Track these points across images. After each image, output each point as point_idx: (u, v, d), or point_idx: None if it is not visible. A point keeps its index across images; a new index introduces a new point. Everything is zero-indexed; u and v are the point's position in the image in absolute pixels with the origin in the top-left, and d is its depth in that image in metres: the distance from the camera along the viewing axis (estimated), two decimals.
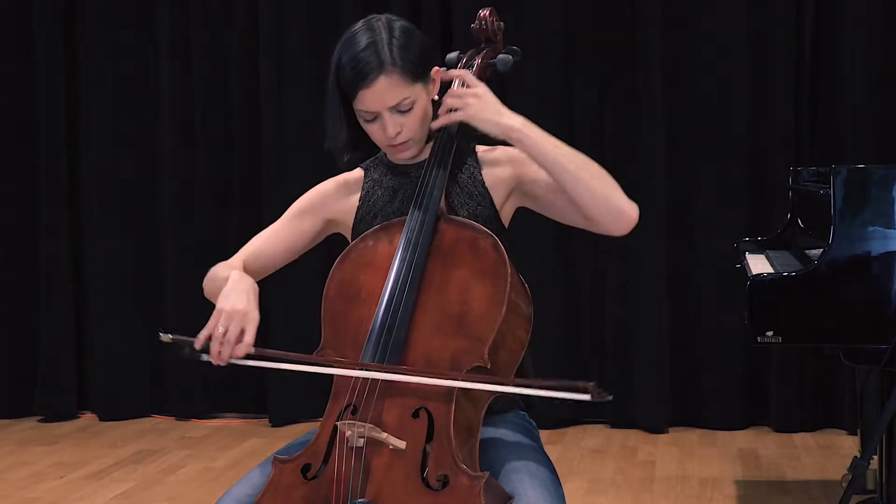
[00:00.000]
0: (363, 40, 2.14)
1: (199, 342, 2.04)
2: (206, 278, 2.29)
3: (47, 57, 5.45)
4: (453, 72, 2.22)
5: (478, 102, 2.13)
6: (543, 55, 5.01)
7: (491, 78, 2.28)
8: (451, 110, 2.15)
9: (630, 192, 5.46)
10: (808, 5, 4.87)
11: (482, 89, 2.15)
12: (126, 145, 5.47)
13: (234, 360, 2.04)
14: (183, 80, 5.39)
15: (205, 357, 2.05)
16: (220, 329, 2.03)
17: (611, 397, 1.89)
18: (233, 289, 2.09)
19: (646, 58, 4.99)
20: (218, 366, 2.06)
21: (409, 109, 2.16)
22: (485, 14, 2.33)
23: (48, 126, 5.48)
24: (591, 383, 1.89)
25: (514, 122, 2.11)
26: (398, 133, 2.16)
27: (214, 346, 2.04)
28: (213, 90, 5.40)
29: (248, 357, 2.04)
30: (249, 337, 2.03)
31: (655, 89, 4.98)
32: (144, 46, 5.44)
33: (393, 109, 2.14)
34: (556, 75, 5.08)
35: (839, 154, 4.77)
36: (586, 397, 1.89)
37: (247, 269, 2.24)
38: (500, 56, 2.30)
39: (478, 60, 2.29)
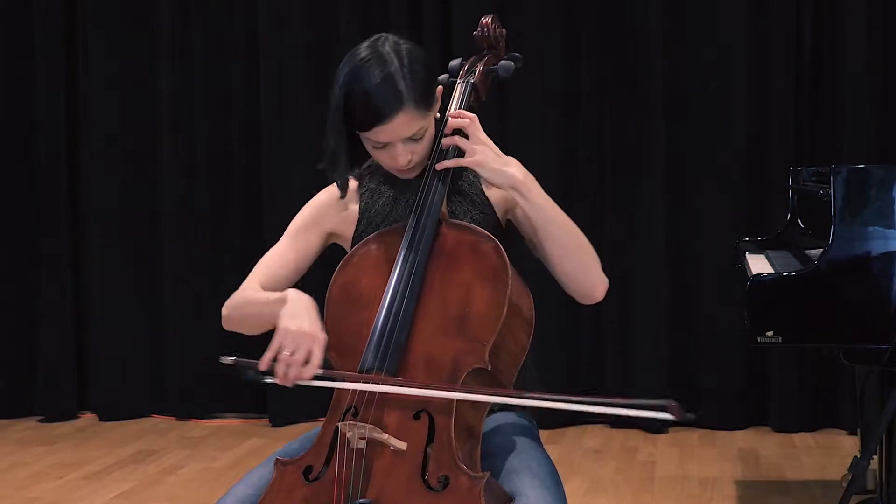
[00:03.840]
0: (376, 73, 2.09)
1: (263, 364, 2.00)
2: (230, 306, 2.24)
3: (47, 56, 5.45)
4: (462, 120, 2.17)
5: (485, 150, 2.13)
6: (543, 56, 5.01)
7: (492, 84, 2.29)
8: (457, 152, 2.16)
9: (630, 193, 5.44)
10: (807, 5, 4.88)
11: (485, 137, 2.15)
12: (126, 146, 5.46)
13: (300, 382, 2.01)
14: (183, 81, 5.39)
15: (269, 379, 2.01)
16: (287, 351, 1.99)
17: (694, 416, 1.88)
18: (295, 308, 2.04)
19: (646, 58, 4.99)
20: (283, 386, 2.02)
21: (422, 137, 2.16)
22: (487, 21, 2.33)
23: (48, 126, 5.47)
24: (674, 402, 1.87)
25: (518, 173, 2.13)
26: (410, 160, 2.17)
27: (280, 368, 1.99)
28: (213, 91, 5.40)
29: (315, 378, 2.00)
30: (317, 359, 1.99)
31: (656, 89, 4.98)
32: (144, 47, 5.44)
33: (406, 139, 2.14)
34: (557, 75, 5.08)
35: (839, 154, 4.78)
36: (668, 416, 1.88)
37: None
38: (502, 62, 2.32)
39: (480, 67, 2.30)
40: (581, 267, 2.17)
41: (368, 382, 2.00)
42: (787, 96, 4.88)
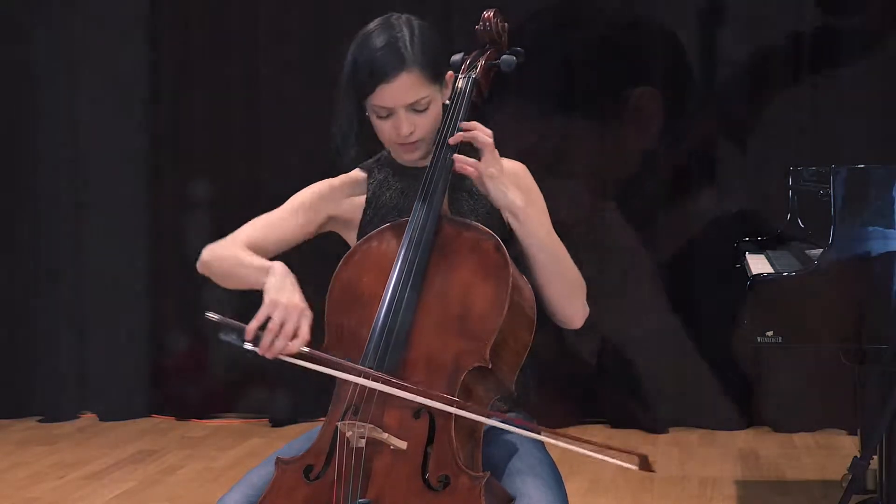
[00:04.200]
0: (383, 37, 2.12)
1: (249, 333, 1.99)
2: (214, 254, 2.26)
3: (47, 56, 5.45)
4: (487, 140, 2.13)
5: (499, 172, 2.12)
6: (543, 52, 5.00)
7: (494, 79, 2.28)
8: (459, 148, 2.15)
9: (630, 193, 5.40)
10: (808, 4, 4.88)
11: (498, 158, 2.14)
12: (126, 145, 5.46)
13: (283, 356, 2.00)
14: (183, 82, 5.39)
15: (249, 346, 1.99)
16: (276, 321, 1.99)
17: (654, 472, 2.01)
18: (284, 282, 2.04)
19: (646, 57, 4.99)
20: (263, 357, 2.00)
21: (425, 109, 2.15)
22: (489, 15, 2.32)
23: (48, 121, 5.46)
24: (644, 455, 1.98)
25: (519, 200, 2.13)
26: (411, 132, 2.16)
27: (267, 338, 1.98)
28: (213, 88, 5.40)
29: (298, 355, 2.00)
30: (304, 333, 2.00)
31: (656, 88, 4.98)
32: (144, 46, 5.44)
33: (409, 108, 2.14)
34: (557, 73, 5.08)
35: (839, 154, 4.77)
36: (633, 466, 2.00)
37: None
38: (504, 57, 2.30)
39: (482, 62, 2.28)
40: (564, 296, 2.18)
41: (352, 373, 2.00)
42: (787, 95, 4.88)
